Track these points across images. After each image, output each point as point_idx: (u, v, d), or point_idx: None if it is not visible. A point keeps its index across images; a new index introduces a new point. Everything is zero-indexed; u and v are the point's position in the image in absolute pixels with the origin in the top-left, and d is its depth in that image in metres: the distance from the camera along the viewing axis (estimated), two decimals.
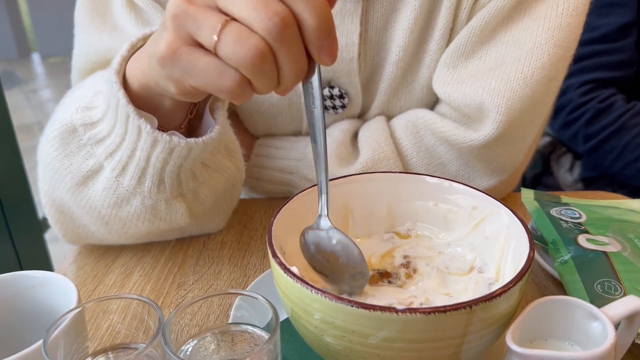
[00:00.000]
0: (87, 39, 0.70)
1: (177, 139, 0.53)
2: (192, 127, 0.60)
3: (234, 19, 0.38)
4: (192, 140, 0.54)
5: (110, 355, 0.43)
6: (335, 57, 0.40)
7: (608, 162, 1.14)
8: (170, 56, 0.41)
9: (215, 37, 0.38)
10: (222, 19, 0.38)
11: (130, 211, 0.59)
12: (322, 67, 0.42)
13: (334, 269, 0.49)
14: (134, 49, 0.55)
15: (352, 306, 0.38)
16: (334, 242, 0.49)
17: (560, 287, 0.59)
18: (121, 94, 0.51)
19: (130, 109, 0.51)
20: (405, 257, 0.55)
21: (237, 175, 0.67)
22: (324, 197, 0.48)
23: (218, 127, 0.56)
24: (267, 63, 0.39)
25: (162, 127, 0.55)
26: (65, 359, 0.40)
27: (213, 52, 0.39)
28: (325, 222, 0.49)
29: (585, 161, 1.23)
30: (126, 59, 0.54)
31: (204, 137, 0.55)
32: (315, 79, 0.43)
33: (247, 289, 0.58)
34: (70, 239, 0.68)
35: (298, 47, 0.39)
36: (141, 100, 0.53)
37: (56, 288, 0.48)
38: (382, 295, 0.49)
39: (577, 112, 1.15)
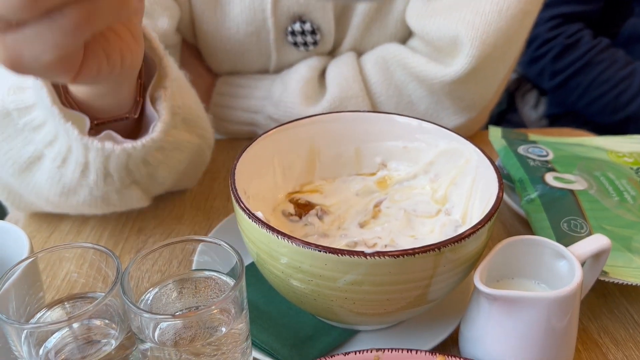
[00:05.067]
0: None
1: (111, 146, 0.47)
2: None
3: None
4: (128, 145, 0.48)
5: (67, 306, 0.41)
6: None
7: (573, 99, 1.14)
8: None
9: None
10: None
11: (79, 200, 0.54)
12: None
13: None
14: None
15: (320, 251, 0.37)
16: None
17: (526, 226, 0.59)
18: (44, 93, 0.45)
19: (55, 110, 0.45)
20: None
21: (204, 144, 0.61)
22: None
23: (161, 125, 0.50)
24: None
25: (102, 120, 0.49)
26: (17, 312, 0.38)
27: None
28: None
29: (550, 98, 1.23)
30: None
31: (143, 140, 0.49)
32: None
33: (211, 233, 0.56)
34: (24, 211, 0.62)
35: None
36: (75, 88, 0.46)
37: (6, 237, 0.45)
38: (352, 234, 0.49)
39: (544, 48, 1.14)
